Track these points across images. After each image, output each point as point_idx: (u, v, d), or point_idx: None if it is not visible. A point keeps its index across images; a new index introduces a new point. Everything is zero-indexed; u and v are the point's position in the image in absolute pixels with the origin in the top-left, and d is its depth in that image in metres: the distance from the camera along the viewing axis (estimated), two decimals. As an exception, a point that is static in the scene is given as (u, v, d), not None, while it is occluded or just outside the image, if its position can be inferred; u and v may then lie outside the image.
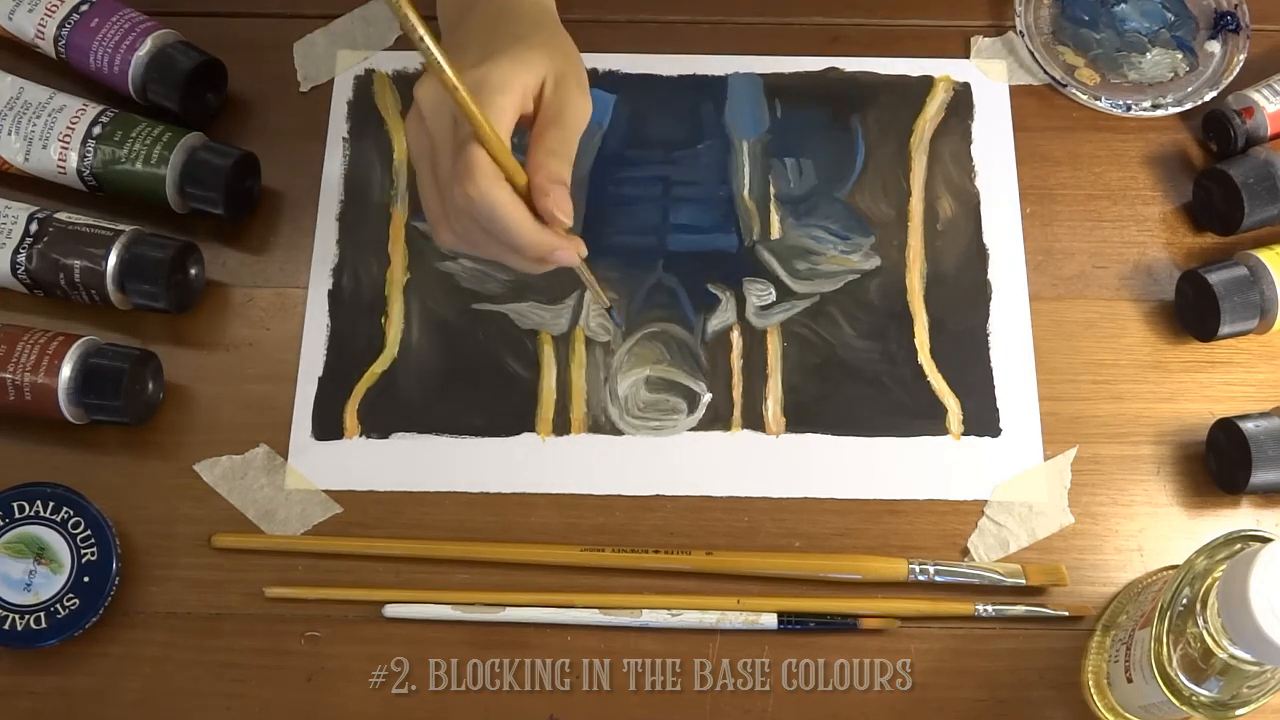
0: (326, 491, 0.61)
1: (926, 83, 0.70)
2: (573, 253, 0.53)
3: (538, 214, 0.51)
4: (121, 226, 0.63)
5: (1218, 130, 0.68)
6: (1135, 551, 0.61)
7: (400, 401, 0.63)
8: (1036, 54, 0.70)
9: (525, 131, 0.53)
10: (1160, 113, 0.69)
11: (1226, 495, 0.61)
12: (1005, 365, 0.64)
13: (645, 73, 0.70)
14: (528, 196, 0.51)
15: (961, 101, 0.70)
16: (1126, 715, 0.56)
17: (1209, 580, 0.48)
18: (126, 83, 0.66)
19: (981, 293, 0.66)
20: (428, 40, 0.44)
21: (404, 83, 0.70)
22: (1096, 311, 0.65)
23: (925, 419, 0.63)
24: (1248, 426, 0.59)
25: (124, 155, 0.64)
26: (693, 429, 0.63)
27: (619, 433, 0.63)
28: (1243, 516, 0.61)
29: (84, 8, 0.67)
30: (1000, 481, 0.62)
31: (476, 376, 0.64)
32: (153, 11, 0.68)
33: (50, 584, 0.58)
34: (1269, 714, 0.54)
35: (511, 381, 0.64)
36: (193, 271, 0.64)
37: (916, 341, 0.65)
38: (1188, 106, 0.69)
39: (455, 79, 0.46)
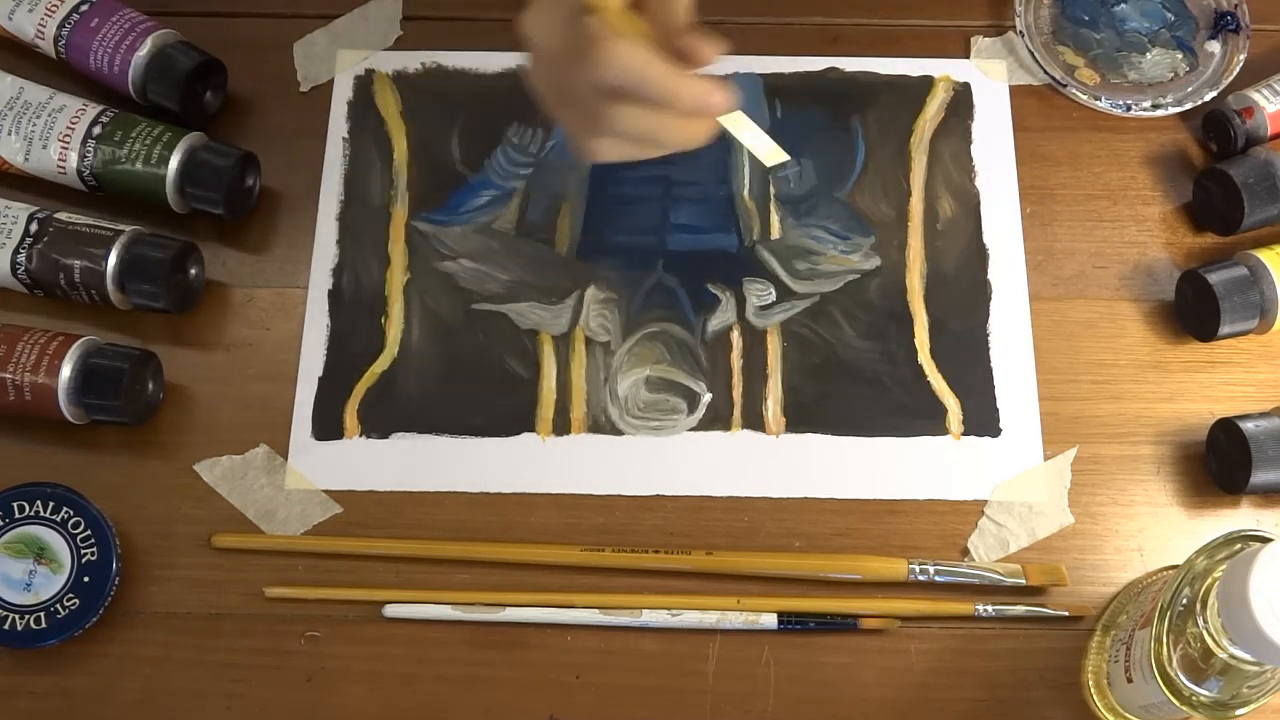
0: (326, 491, 0.61)
1: (926, 83, 0.70)
2: (723, 95, 0.51)
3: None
4: (121, 226, 0.63)
5: (1218, 130, 0.68)
6: (1135, 551, 0.61)
7: (400, 401, 0.63)
8: (1036, 54, 0.70)
9: None
10: (1160, 113, 0.69)
11: (1226, 495, 0.61)
12: (1005, 365, 0.64)
13: (645, 73, 0.70)
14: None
15: (961, 101, 0.70)
16: (1126, 715, 0.56)
17: (1209, 580, 0.48)
18: (126, 83, 0.66)
19: (981, 293, 0.66)
20: None
21: (404, 83, 0.70)
22: (1096, 311, 0.65)
23: (925, 419, 0.63)
24: (1248, 426, 0.59)
25: (124, 155, 0.64)
26: (693, 429, 0.63)
27: (619, 433, 0.63)
28: (1243, 516, 0.61)
29: (84, 8, 0.67)
30: (1000, 481, 0.62)
31: (476, 376, 0.64)
32: (153, 11, 0.68)
33: (50, 584, 0.58)
34: (1269, 714, 0.54)
35: (511, 381, 0.64)
36: (193, 271, 0.65)
37: (916, 341, 0.65)
38: (1188, 106, 0.69)
39: None
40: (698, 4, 0.71)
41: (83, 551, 0.58)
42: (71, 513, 0.58)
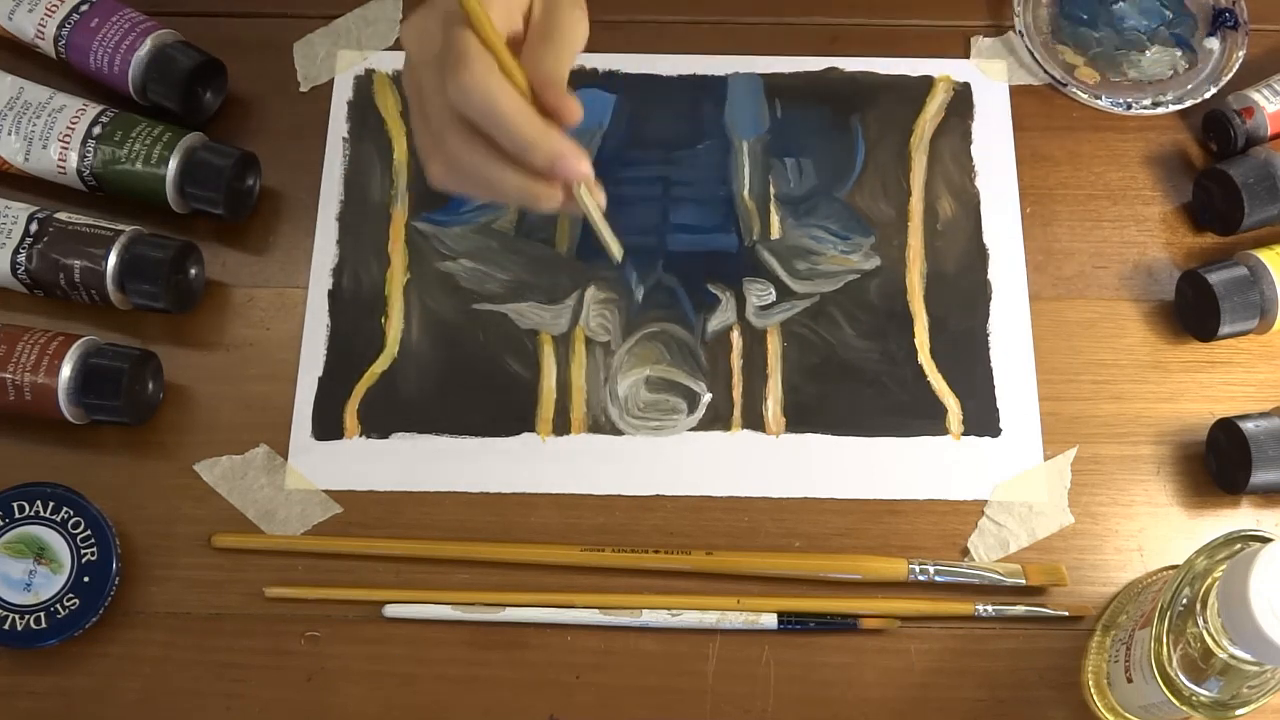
0: (326, 491, 0.61)
1: (926, 83, 0.70)
2: (585, 167, 0.47)
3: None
4: (121, 226, 0.63)
5: (1218, 130, 0.68)
6: (1135, 551, 0.61)
7: (400, 401, 0.63)
8: (1036, 53, 0.70)
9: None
10: (1161, 110, 0.69)
11: (1226, 495, 0.61)
12: (1005, 365, 0.64)
13: (645, 73, 0.70)
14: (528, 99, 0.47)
15: (961, 101, 0.70)
16: (1126, 715, 0.56)
17: (1209, 580, 0.48)
18: (126, 83, 0.66)
19: (981, 293, 0.66)
20: None
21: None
22: (1096, 311, 0.65)
23: (925, 419, 0.63)
24: (1248, 426, 0.59)
25: (124, 155, 0.64)
26: (693, 429, 0.63)
27: (619, 433, 0.63)
28: (1243, 516, 0.61)
29: (84, 8, 0.67)
30: (1000, 481, 0.62)
31: (476, 376, 0.64)
32: (153, 11, 0.68)
33: (50, 584, 0.58)
34: (1269, 714, 0.54)
35: (511, 381, 0.64)
36: (193, 271, 0.65)
37: (916, 341, 0.65)
38: (1188, 104, 0.69)
39: None
40: (698, 5, 0.72)
41: (83, 551, 0.58)
42: (71, 513, 0.58)
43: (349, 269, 0.66)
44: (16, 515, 0.58)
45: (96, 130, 0.64)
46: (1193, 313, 0.64)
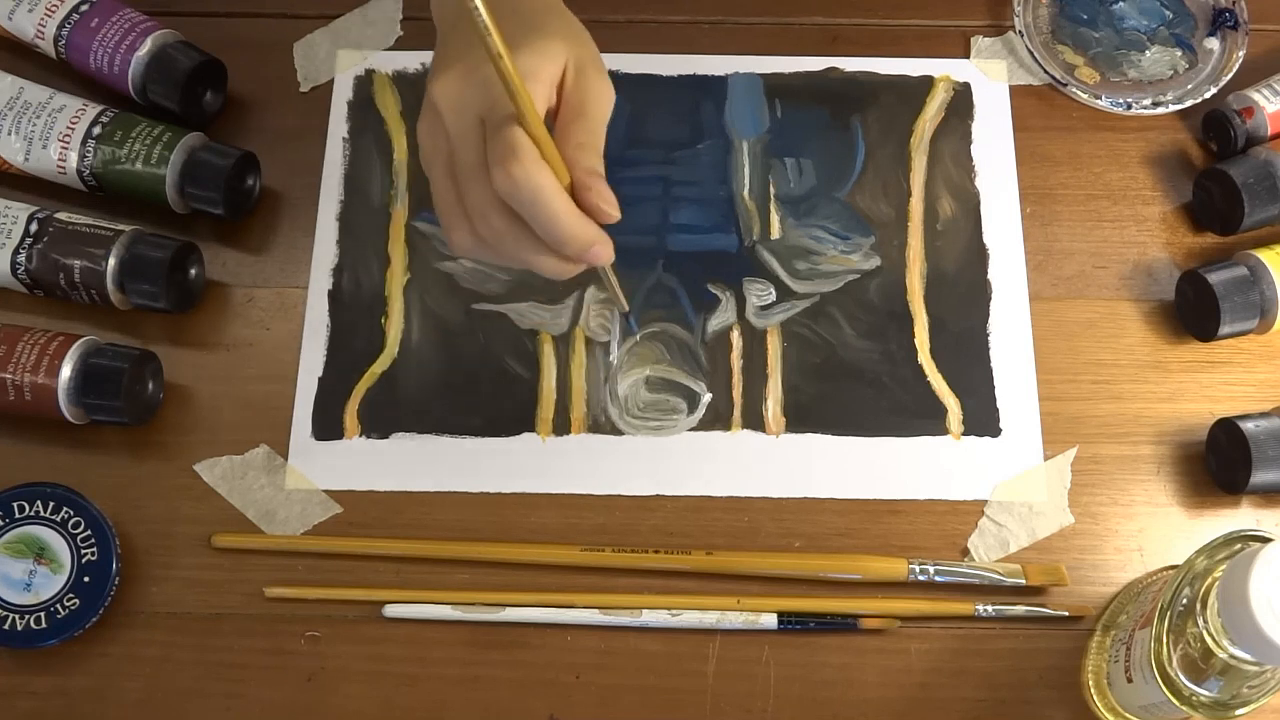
0: (326, 491, 0.61)
1: (926, 83, 0.70)
2: (610, 250, 0.49)
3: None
4: (121, 226, 0.63)
5: (1218, 130, 0.68)
6: (1135, 551, 0.61)
7: (400, 401, 0.63)
8: (1036, 53, 0.70)
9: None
10: (1161, 110, 0.69)
11: (1226, 495, 0.61)
12: (1005, 365, 0.64)
13: (645, 73, 0.70)
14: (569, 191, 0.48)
15: (961, 101, 0.70)
16: (1126, 715, 0.56)
17: (1209, 580, 0.48)
18: (126, 83, 0.66)
19: (981, 293, 0.66)
20: (482, 9, 0.41)
21: (404, 83, 0.70)
22: (1096, 311, 0.65)
23: (925, 419, 0.63)
24: (1248, 426, 0.59)
25: (124, 155, 0.64)
26: (693, 429, 0.63)
27: (619, 433, 0.63)
28: (1243, 516, 0.61)
29: (84, 8, 0.67)
30: (1000, 481, 0.62)
31: (476, 376, 0.64)
32: (153, 11, 0.68)
33: (50, 584, 0.58)
34: (1269, 714, 0.54)
35: (511, 381, 0.64)
36: (193, 271, 0.65)
37: (916, 341, 0.65)
38: (1188, 104, 0.69)
39: (505, 52, 0.43)
40: (698, 5, 0.72)
41: (83, 551, 0.58)
42: (71, 513, 0.58)
43: (349, 269, 0.66)
44: (16, 515, 0.58)
45: (96, 130, 0.64)
46: (1193, 313, 0.64)
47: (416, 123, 0.50)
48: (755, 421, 0.63)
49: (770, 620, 0.59)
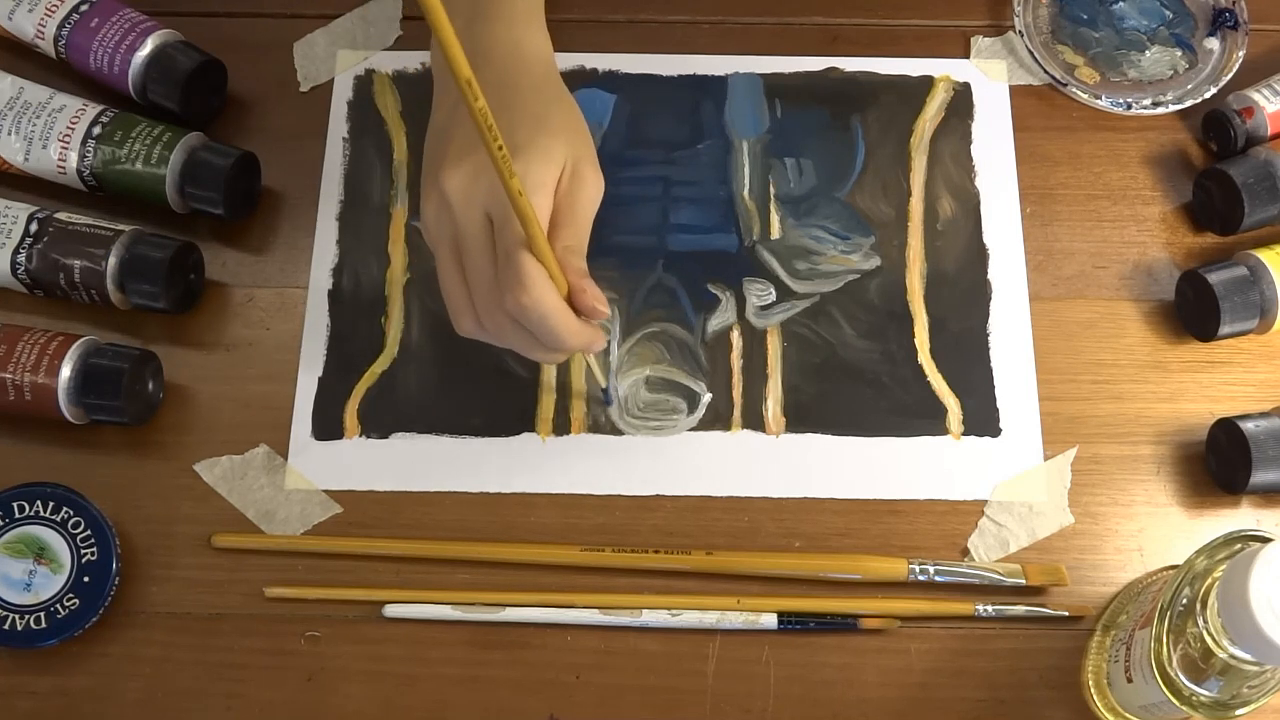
0: (326, 491, 0.61)
1: (926, 83, 0.70)
2: (602, 342, 0.55)
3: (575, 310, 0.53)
4: (121, 226, 0.63)
5: (1218, 130, 0.68)
6: (1135, 551, 0.61)
7: (400, 401, 0.63)
8: (1036, 53, 0.70)
9: None
10: (1161, 110, 0.69)
11: (1226, 495, 0.61)
12: (1005, 365, 0.64)
13: (645, 73, 0.70)
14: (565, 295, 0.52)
15: (961, 101, 0.70)
16: (1126, 715, 0.56)
17: (1209, 580, 0.48)
18: (126, 83, 0.66)
19: (981, 293, 0.66)
20: (505, 150, 0.45)
21: (404, 83, 0.70)
22: (1096, 311, 0.65)
23: (925, 419, 0.63)
24: (1248, 426, 0.59)
25: (124, 155, 0.64)
26: (693, 429, 0.63)
27: (619, 433, 0.63)
28: (1243, 516, 0.61)
29: (84, 8, 0.67)
30: (1000, 481, 0.62)
31: (476, 376, 0.64)
32: (153, 11, 0.68)
33: (50, 584, 0.58)
34: (1269, 714, 0.54)
35: (511, 381, 0.64)
36: (193, 272, 0.64)
37: (916, 341, 0.65)
38: (1188, 104, 0.69)
39: (519, 186, 0.47)
40: (698, 5, 0.72)
41: (83, 551, 0.58)
42: (71, 513, 0.58)
43: (349, 269, 0.66)
44: (16, 515, 0.58)
45: (96, 130, 0.64)
46: (1193, 313, 0.64)
47: (421, 203, 0.54)
48: (755, 421, 0.63)
49: (770, 620, 0.59)
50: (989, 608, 0.59)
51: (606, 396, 0.63)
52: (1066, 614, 0.59)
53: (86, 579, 0.58)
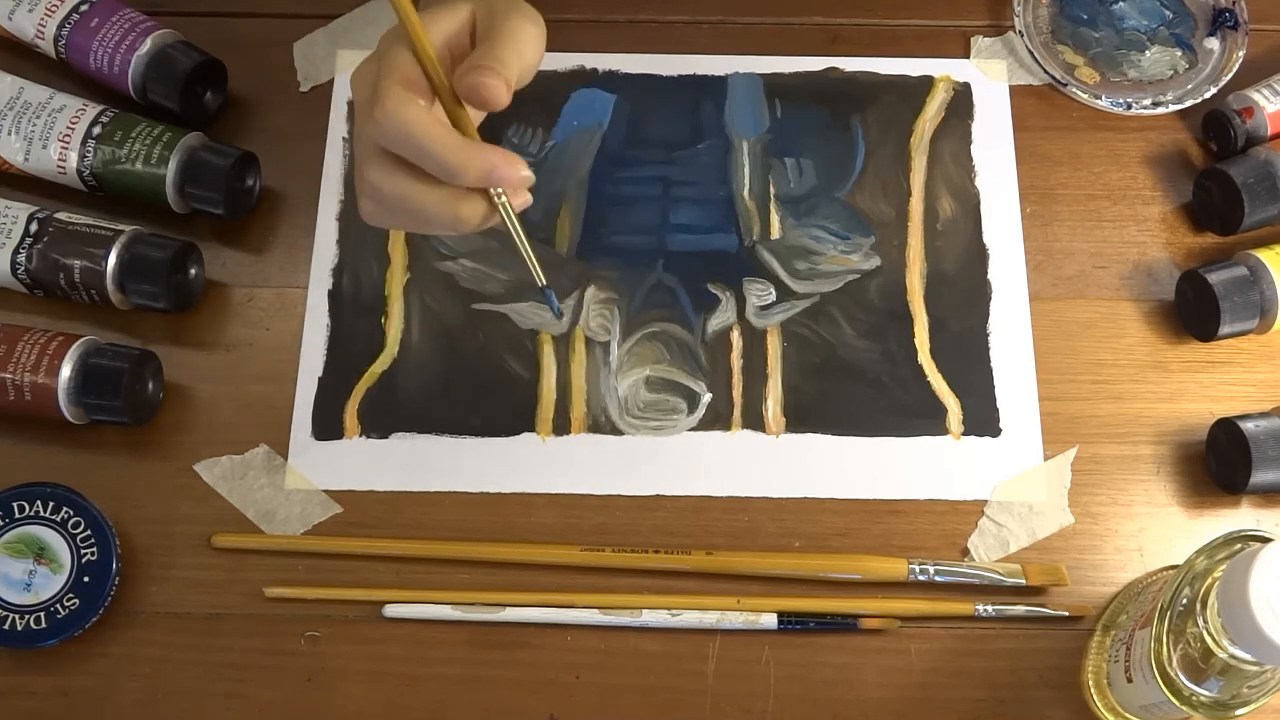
0: (326, 491, 0.61)
1: (926, 83, 0.70)
2: (516, 171, 0.45)
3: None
4: (121, 226, 0.63)
5: (1218, 130, 0.68)
6: (1135, 551, 0.61)
7: (400, 401, 0.63)
8: (1036, 53, 0.70)
9: None
10: (1161, 110, 0.69)
11: (1226, 495, 0.61)
12: (1005, 365, 0.64)
13: (645, 73, 0.70)
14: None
15: (961, 101, 0.70)
16: (1126, 715, 0.56)
17: (1209, 580, 0.48)
18: (126, 83, 0.66)
19: (981, 293, 0.66)
20: None
21: (404, 83, 0.70)
22: (1096, 311, 0.65)
23: (925, 419, 0.63)
24: (1248, 426, 0.59)
25: (124, 155, 0.64)
26: (693, 429, 0.63)
27: (619, 433, 0.63)
28: (1243, 516, 0.61)
29: (84, 8, 0.67)
30: (1000, 481, 0.62)
31: (476, 376, 0.64)
32: (153, 11, 0.68)
33: (50, 584, 0.58)
34: (1269, 714, 0.54)
35: (511, 381, 0.64)
36: (193, 271, 0.65)
37: (916, 341, 0.65)
38: (1188, 104, 0.69)
39: None
40: (698, 5, 0.72)
41: (83, 551, 0.58)
42: (71, 513, 0.58)
43: (349, 269, 0.66)
44: (16, 515, 0.58)
45: (96, 130, 0.64)
46: (1193, 313, 0.64)
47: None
48: (755, 421, 0.63)
49: (770, 620, 0.59)
50: (989, 608, 0.59)
51: (550, 299, 0.51)
52: (1066, 614, 0.59)
53: (86, 579, 0.58)
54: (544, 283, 0.50)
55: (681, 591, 0.60)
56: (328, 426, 0.63)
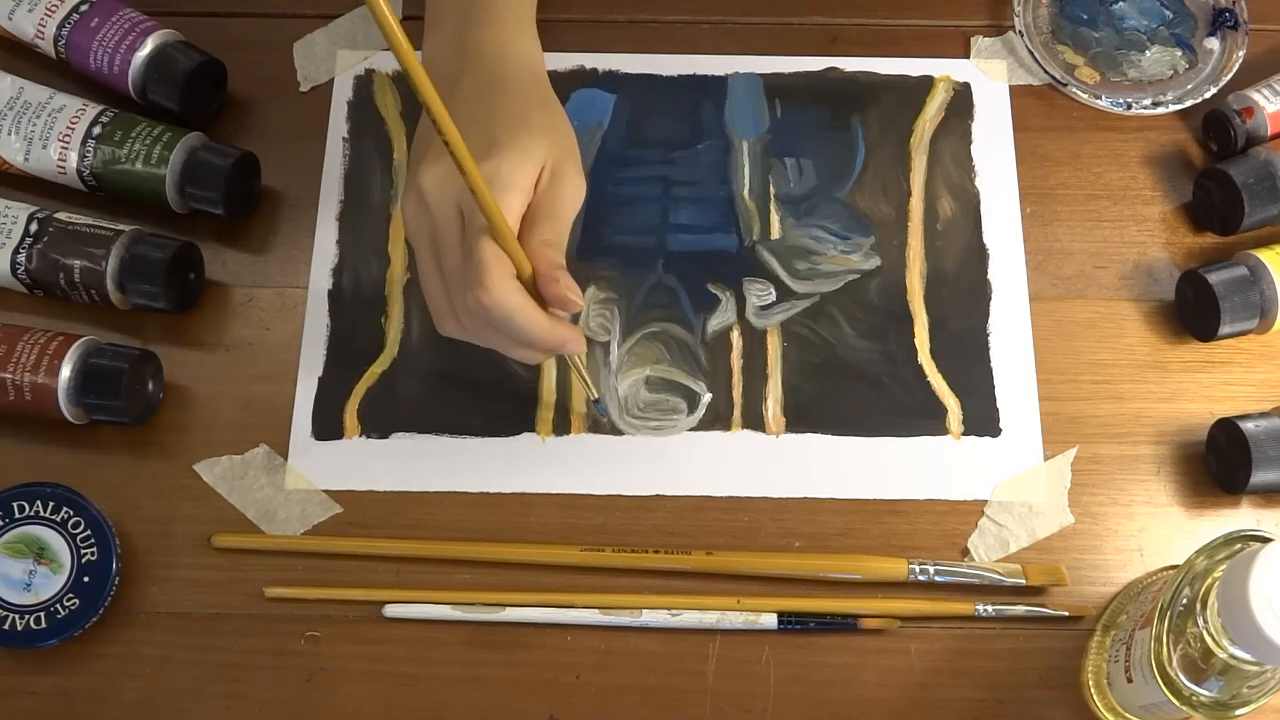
0: (326, 491, 0.61)
1: (926, 83, 0.70)
2: (581, 341, 0.55)
3: (543, 303, 0.53)
4: (121, 226, 0.63)
5: (1218, 130, 0.68)
6: (1135, 551, 0.61)
7: (400, 401, 0.63)
8: (1036, 53, 0.70)
9: None
10: (1161, 110, 0.69)
11: (1226, 495, 0.61)
12: (1005, 365, 0.64)
13: (645, 73, 0.70)
14: (532, 285, 0.52)
15: (961, 101, 0.70)
16: (1126, 715, 0.56)
17: (1209, 580, 0.48)
18: (126, 83, 0.66)
19: (981, 293, 0.66)
20: (458, 138, 0.46)
21: (404, 83, 0.70)
22: (1096, 311, 0.65)
23: (925, 419, 0.63)
24: (1248, 426, 0.59)
25: (124, 155, 0.64)
26: (693, 429, 0.63)
27: (619, 433, 0.63)
28: (1243, 516, 0.61)
29: (84, 8, 0.67)
30: (1000, 481, 0.62)
31: (476, 376, 0.64)
32: (153, 11, 0.68)
33: (50, 584, 0.58)
34: (1269, 714, 0.54)
35: (511, 381, 0.64)
36: (192, 272, 0.65)
37: (916, 341, 0.65)
38: (1188, 104, 0.69)
39: (478, 177, 0.47)
40: (698, 5, 0.72)
41: (83, 551, 0.58)
42: (71, 513, 0.58)
43: (349, 269, 0.66)
44: (16, 515, 0.58)
45: (96, 130, 0.64)
46: (1193, 313, 0.64)
47: (402, 202, 0.55)
48: (755, 421, 0.63)
49: (770, 620, 0.59)
50: (989, 608, 0.59)
51: (600, 408, 0.63)
52: (1066, 614, 0.59)
53: (86, 579, 0.58)
54: (596, 395, 0.61)
55: (681, 591, 0.60)
56: (328, 426, 0.63)
